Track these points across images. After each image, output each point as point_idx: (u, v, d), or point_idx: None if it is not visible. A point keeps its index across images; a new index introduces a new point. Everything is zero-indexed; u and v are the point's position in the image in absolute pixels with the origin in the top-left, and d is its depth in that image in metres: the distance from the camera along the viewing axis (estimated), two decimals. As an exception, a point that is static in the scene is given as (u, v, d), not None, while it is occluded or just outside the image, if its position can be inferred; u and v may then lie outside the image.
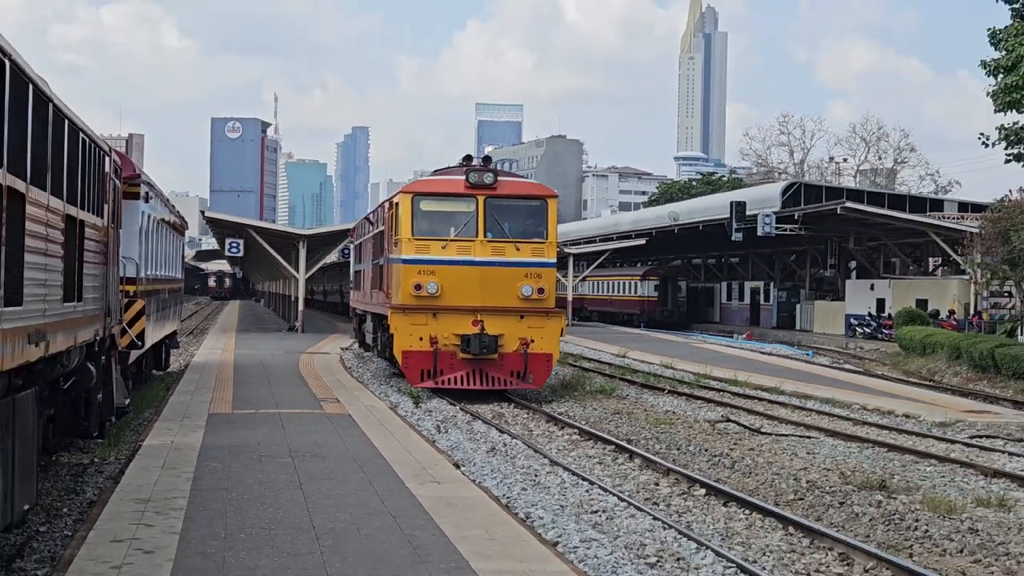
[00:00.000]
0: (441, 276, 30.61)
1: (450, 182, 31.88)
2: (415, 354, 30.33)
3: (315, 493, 15.66)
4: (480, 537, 13.18)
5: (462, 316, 30.40)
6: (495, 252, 30.84)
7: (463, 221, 31.03)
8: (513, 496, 16.85)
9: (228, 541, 12.70)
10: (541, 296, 30.84)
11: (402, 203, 31.60)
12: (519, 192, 32.43)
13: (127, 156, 26.67)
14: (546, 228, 31.66)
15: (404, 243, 31.16)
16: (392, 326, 30.84)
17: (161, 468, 17.44)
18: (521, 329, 30.48)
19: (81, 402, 18.62)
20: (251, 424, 23.01)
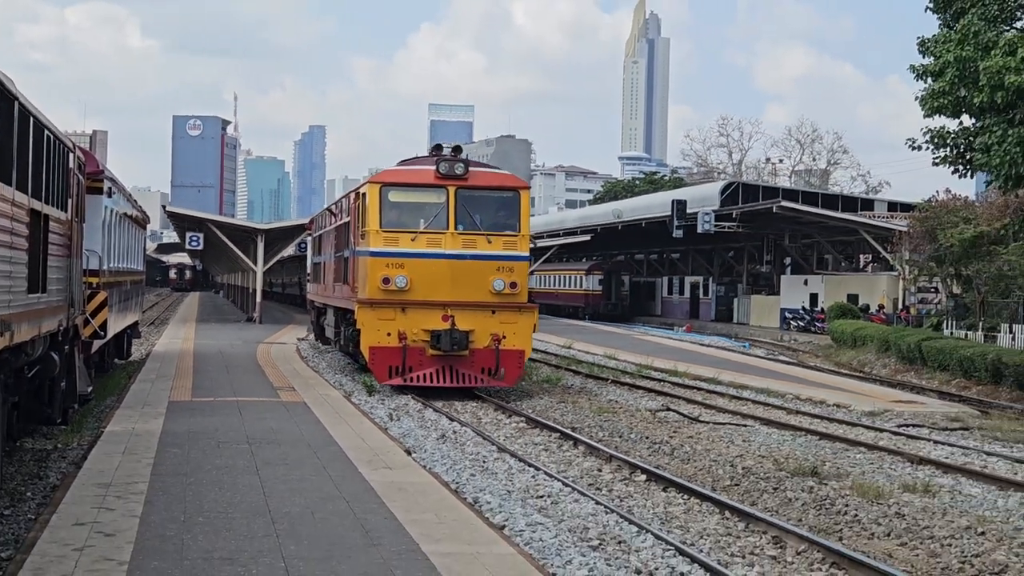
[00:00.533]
0: (410, 269, 28.74)
1: (419, 172, 30.02)
2: (383, 350, 28.53)
3: (271, 478, 15.60)
4: (430, 521, 13.17)
5: (432, 311, 28.59)
6: (466, 245, 28.99)
7: (433, 213, 29.20)
8: (462, 481, 16.86)
9: (187, 524, 12.64)
10: (514, 291, 29.00)
11: (369, 193, 29.66)
12: (491, 183, 30.31)
13: (91, 152, 26.49)
14: (519, 220, 29.84)
15: (372, 235, 29.18)
16: (359, 321, 28.98)
17: (122, 454, 17.33)
18: (493, 325, 28.71)
19: (45, 390, 18.52)
20: (210, 411, 22.90)
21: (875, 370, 45.82)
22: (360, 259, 30.22)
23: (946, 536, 14.93)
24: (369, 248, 29.12)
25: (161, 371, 32.03)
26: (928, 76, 37.10)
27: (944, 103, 36.45)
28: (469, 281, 28.79)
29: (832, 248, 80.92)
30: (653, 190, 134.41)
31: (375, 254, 28.96)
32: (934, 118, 37.78)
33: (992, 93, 34.56)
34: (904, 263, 62.18)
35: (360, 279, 29.97)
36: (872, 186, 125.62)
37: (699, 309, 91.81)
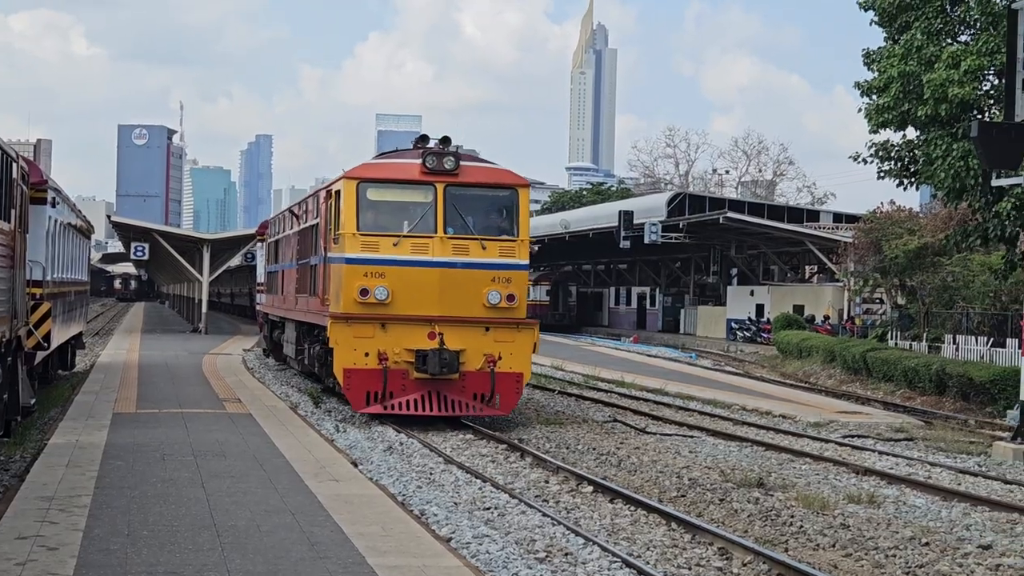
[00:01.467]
0: (392, 279, 24.87)
1: (403, 166, 25.93)
2: (359, 373, 24.71)
3: (216, 491, 15.52)
4: (376, 533, 13.14)
5: (417, 327, 24.87)
6: (457, 251, 25.16)
7: (419, 214, 25.35)
8: (409, 493, 16.83)
9: (131, 538, 12.55)
10: (511, 304, 25.23)
11: (345, 191, 25.58)
12: (485, 180, 26.23)
13: (34, 162, 26.33)
14: (516, 223, 25.97)
15: (347, 239, 25.21)
16: (332, 339, 25.05)
17: (66, 466, 17.20)
18: (487, 344, 25.05)
19: (-13, 402, 18.36)
20: (154, 423, 22.77)
21: (821, 381, 46.08)
22: (333, 267, 26.36)
23: (891, 547, 15.03)
24: (344, 254, 25.33)
25: (105, 382, 31.82)
26: (873, 92, 37.40)
27: (889, 118, 36.74)
28: (460, 293, 25.22)
29: (778, 259, 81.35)
30: (600, 201, 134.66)
31: (351, 261, 25.14)
32: (879, 132, 38.08)
33: (936, 106, 34.90)
34: (849, 274, 62.49)
35: (333, 290, 26.17)
36: (818, 197, 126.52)
37: (646, 319, 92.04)
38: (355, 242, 25.11)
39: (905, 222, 55.98)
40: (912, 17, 37.19)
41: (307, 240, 30.98)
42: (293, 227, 34.76)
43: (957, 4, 37.04)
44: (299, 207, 34.21)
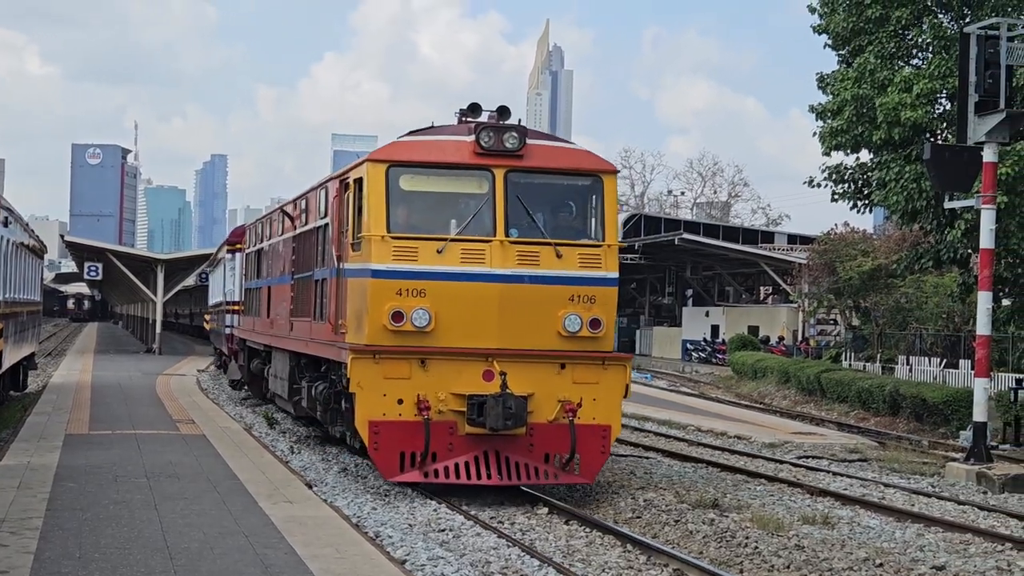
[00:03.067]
0: (435, 299, 18.04)
1: (449, 145, 18.90)
2: (391, 427, 17.93)
3: (170, 513, 15.41)
4: (331, 555, 13.07)
5: (468, 364, 18.14)
6: (523, 261, 18.30)
7: (471, 209, 18.55)
8: (363, 515, 16.75)
9: (83, 561, 12.45)
10: (595, 333, 18.54)
11: (370, 179, 18.40)
12: (560, 164, 19.23)
13: (-13, 181, 26.15)
14: (601, 223, 19.16)
15: (374, 244, 18.12)
16: (352, 380, 18.18)
17: (17, 488, 17.04)
18: (563, 386, 18.28)
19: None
20: (107, 444, 22.61)
21: (775, 402, 46.28)
22: (351, 282, 19.26)
23: (845, 568, 15.08)
24: (369, 265, 18.27)
25: (58, 403, 31.60)
26: (827, 115, 37.66)
27: (843, 140, 37.03)
28: (527, 318, 18.41)
29: (733, 280, 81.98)
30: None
31: (379, 274, 18.19)
32: (832, 155, 38.34)
33: (889, 130, 35.15)
34: (803, 295, 62.95)
35: (352, 313, 19.13)
36: (772, 219, 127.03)
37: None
38: (385, 248, 18.23)
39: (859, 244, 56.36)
40: (865, 41, 37.45)
41: (308, 247, 23.76)
42: (285, 232, 27.11)
43: (910, 28, 37.31)
44: (294, 206, 26.24)
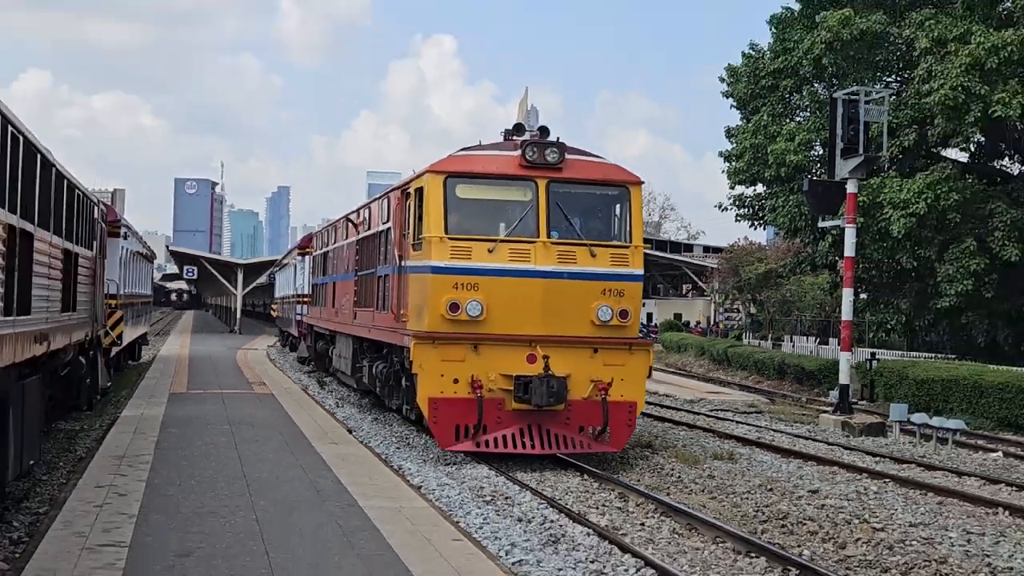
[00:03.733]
0: (487, 292, 16.50)
1: (498, 159, 17.32)
2: (448, 403, 16.27)
3: (246, 452, 15.42)
4: (365, 483, 13.08)
5: (514, 349, 16.48)
6: (563, 259, 16.76)
7: (517, 214, 16.86)
8: (390, 453, 16.76)
9: (182, 487, 12.46)
10: (623, 322, 16.95)
11: (430, 187, 16.77)
12: (594, 176, 17.56)
13: (111, 206, 26.10)
14: (629, 227, 17.58)
15: (434, 244, 16.60)
16: (415, 363, 16.52)
17: (133, 433, 17.04)
18: (595, 368, 16.69)
19: (74, 385, 18.23)
20: (200, 401, 22.59)
21: (694, 369, 46.31)
22: (412, 278, 17.53)
23: (744, 492, 15.09)
24: (429, 262, 16.70)
25: (164, 370, 31.55)
26: (732, 158, 37.91)
27: (744, 177, 37.32)
28: (566, 308, 16.74)
29: (663, 280, 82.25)
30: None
31: (438, 270, 16.63)
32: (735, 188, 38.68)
33: (778, 169, 35.33)
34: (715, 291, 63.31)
35: (413, 304, 17.34)
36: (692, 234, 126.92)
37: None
38: (443, 248, 16.58)
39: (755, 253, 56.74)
40: (760, 103, 37.62)
41: (370, 249, 21.81)
42: (349, 236, 24.97)
43: (793, 94, 37.49)
44: (358, 215, 24.14)
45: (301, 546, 9.70)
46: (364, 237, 22.42)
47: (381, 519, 10.93)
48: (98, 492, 11.92)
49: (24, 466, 12.09)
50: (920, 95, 32.92)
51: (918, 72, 33.38)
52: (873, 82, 33.27)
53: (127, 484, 12.48)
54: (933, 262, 34.18)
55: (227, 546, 9.59)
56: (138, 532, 10.01)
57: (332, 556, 9.37)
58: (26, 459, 12.12)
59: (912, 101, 33.42)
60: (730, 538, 11.81)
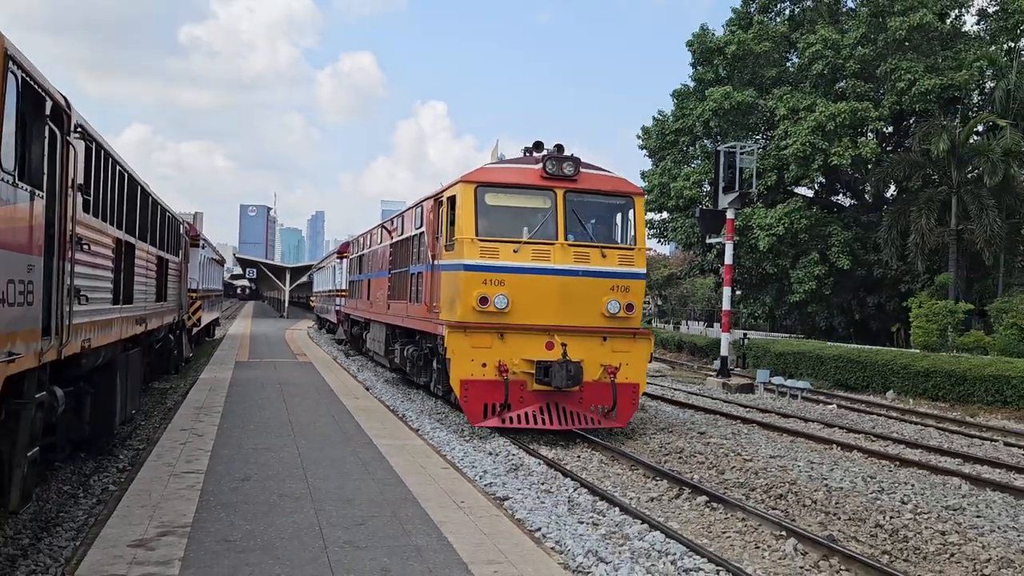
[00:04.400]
0: (512, 287, 14.36)
1: (522, 171, 15.18)
2: (478, 384, 14.19)
3: (292, 404, 15.32)
4: (378, 427, 13.03)
5: (535, 337, 14.33)
6: (578, 259, 14.63)
7: (538, 220, 14.72)
8: (396, 405, 16.65)
9: (244, 429, 12.37)
10: (629, 314, 14.76)
11: (462, 195, 14.78)
12: (604, 187, 15.35)
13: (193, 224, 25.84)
14: (633, 232, 15.34)
15: (466, 245, 14.49)
16: (449, 348, 14.31)
17: (209, 390, 16.90)
18: (604, 354, 14.57)
19: (165, 355, 18.06)
20: (258, 367, 22.41)
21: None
22: (445, 275, 15.25)
23: (652, 433, 15.12)
24: (462, 260, 14.55)
25: (231, 344, 31.27)
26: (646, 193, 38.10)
27: (654, 206, 37.39)
28: (580, 302, 14.51)
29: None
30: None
31: (470, 268, 14.45)
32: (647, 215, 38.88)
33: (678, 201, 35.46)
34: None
35: (446, 298, 15.06)
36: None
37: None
38: (474, 248, 14.30)
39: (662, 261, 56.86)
40: (666, 153, 37.78)
41: (403, 251, 19.09)
42: (383, 241, 22.22)
43: (689, 147, 37.72)
44: (391, 223, 21.51)
45: (331, 471, 9.66)
46: (398, 241, 19.79)
47: (389, 453, 10.91)
48: (182, 434, 11.83)
49: (128, 414, 12.00)
50: (779, 148, 33.30)
51: (778, 131, 33.76)
52: (746, 139, 33.52)
53: (204, 428, 12.39)
54: (788, 268, 34.64)
55: (276, 472, 9.54)
56: (212, 462, 9.94)
57: (353, 478, 9.35)
58: (129, 408, 12.03)
59: (773, 153, 33.73)
60: (642, 466, 11.87)
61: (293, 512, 7.82)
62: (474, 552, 6.83)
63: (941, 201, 30.70)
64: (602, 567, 7.06)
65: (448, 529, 7.43)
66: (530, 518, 8.46)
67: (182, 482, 8.92)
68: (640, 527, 8.56)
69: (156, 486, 8.70)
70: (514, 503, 9.08)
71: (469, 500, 8.53)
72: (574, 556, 7.31)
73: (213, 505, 7.97)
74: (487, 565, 6.53)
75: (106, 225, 9.62)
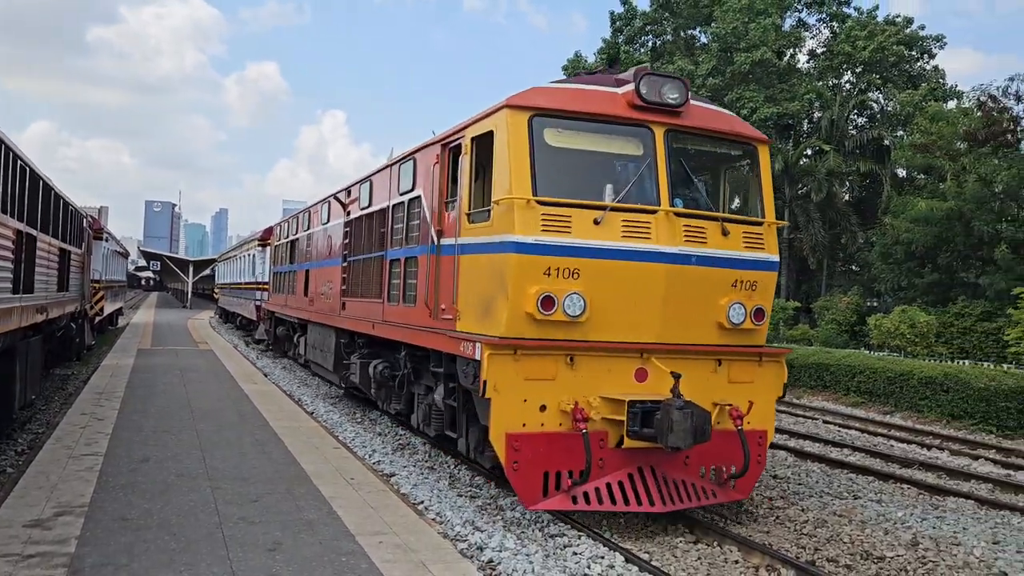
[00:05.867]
0: (591, 282, 6.69)
1: (599, 95, 7.05)
2: (535, 441, 6.59)
3: (192, 389, 14.75)
4: (275, 410, 12.71)
5: (619, 361, 6.87)
6: (691, 238, 6.98)
7: (628, 173, 6.96)
8: (293, 390, 16.28)
9: (144, 414, 11.84)
10: (756, 325, 7.40)
11: (510, 130, 6.69)
12: (720, 127, 7.51)
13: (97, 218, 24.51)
14: (760, 198, 7.70)
15: (517, 210, 6.52)
16: (490, 383, 6.50)
17: (110, 376, 16.08)
18: (718, 387, 7.26)
19: (67, 343, 17.10)
20: (160, 354, 21.45)
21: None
22: (470, 260, 7.42)
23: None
24: (511, 237, 6.64)
25: (134, 333, 29.80)
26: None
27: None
28: (688, 306, 7.21)
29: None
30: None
31: (525, 248, 6.59)
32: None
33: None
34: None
35: (473, 297, 7.36)
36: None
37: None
38: (531, 216, 6.75)
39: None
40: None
41: (371, 229, 11.46)
42: (329, 219, 14.38)
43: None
44: (347, 193, 13.36)
45: (228, 452, 9.37)
46: (360, 216, 12.10)
47: (284, 434, 10.66)
48: (82, 418, 11.22)
49: (27, 399, 11.33)
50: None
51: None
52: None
53: (104, 412, 11.79)
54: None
55: (175, 454, 9.18)
56: (111, 445, 9.48)
57: (249, 458, 9.09)
58: (29, 394, 11.36)
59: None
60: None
61: (190, 491, 7.55)
62: (361, 524, 6.77)
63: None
64: (478, 535, 7.11)
65: (338, 504, 7.33)
66: (414, 492, 8.44)
67: (81, 464, 8.47)
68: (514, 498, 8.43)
69: (54, 468, 8.23)
70: (400, 479, 9.03)
71: (359, 477, 8.44)
72: (453, 526, 7.34)
73: (111, 486, 7.61)
74: (373, 536, 6.48)
75: (6, 217, 9.04)
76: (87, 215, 19.27)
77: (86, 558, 5.68)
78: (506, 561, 6.42)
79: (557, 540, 7.00)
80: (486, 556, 6.54)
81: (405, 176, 9.83)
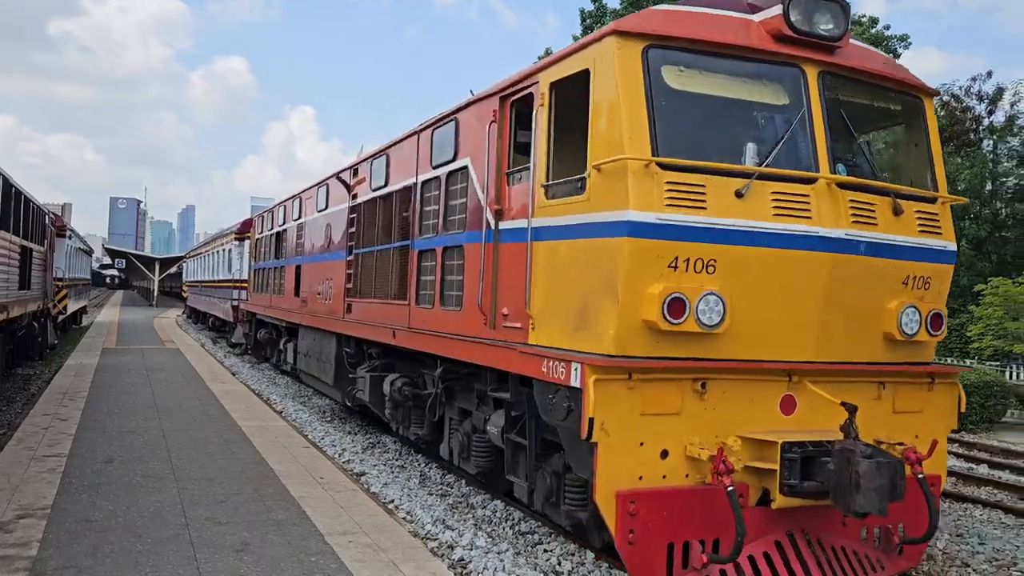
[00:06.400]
0: (730, 277, 4.42)
1: (731, 22, 4.67)
2: (655, 500, 4.31)
3: (158, 389, 14.53)
4: (243, 409, 12.57)
5: (759, 386, 4.67)
6: (859, 217, 4.65)
7: (774, 128, 4.61)
8: (261, 389, 16.13)
9: (109, 414, 11.64)
10: (933, 336, 5.13)
11: (620, 62, 4.27)
12: (884, 71, 5.12)
13: (60, 215, 24.11)
14: (929, 164, 5.22)
15: (631, 176, 4.14)
16: (597, 420, 4.20)
17: (74, 375, 15.78)
18: (880, 418, 4.99)
19: (30, 342, 16.80)
20: (125, 353, 21.11)
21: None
22: (547, 248, 5.16)
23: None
24: (623, 213, 4.27)
25: (99, 331, 29.29)
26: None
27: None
28: (851, 311, 4.94)
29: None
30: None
31: (643, 231, 4.24)
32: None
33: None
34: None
35: (555, 298, 5.12)
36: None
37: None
38: (650, 185, 4.40)
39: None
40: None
41: (390, 213, 8.81)
42: (329, 205, 11.92)
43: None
44: (352, 172, 10.49)
45: (195, 452, 9.24)
46: (371, 200, 9.72)
47: (253, 433, 10.54)
48: (45, 418, 11.00)
49: (-13, 400, 11.08)
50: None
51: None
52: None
53: (68, 412, 11.57)
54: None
55: (140, 454, 9.04)
56: (75, 446, 9.30)
57: (216, 459, 8.98)
58: (-11, 395, 11.11)
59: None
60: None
61: (156, 492, 7.44)
62: (331, 524, 6.72)
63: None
64: (448, 534, 7.09)
65: (307, 504, 7.27)
66: (384, 491, 8.40)
67: (43, 465, 8.30)
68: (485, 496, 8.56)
69: (16, 470, 8.06)
70: (370, 478, 8.98)
71: (328, 476, 8.38)
72: (423, 525, 7.31)
73: (75, 487, 7.47)
74: (343, 535, 6.43)
75: (-35, 214, 8.84)
76: (49, 212, 18.94)
77: (48, 561, 5.57)
78: (477, 559, 6.41)
79: (528, 538, 7.07)
80: (457, 555, 6.52)
81: (442, 144, 7.41)
